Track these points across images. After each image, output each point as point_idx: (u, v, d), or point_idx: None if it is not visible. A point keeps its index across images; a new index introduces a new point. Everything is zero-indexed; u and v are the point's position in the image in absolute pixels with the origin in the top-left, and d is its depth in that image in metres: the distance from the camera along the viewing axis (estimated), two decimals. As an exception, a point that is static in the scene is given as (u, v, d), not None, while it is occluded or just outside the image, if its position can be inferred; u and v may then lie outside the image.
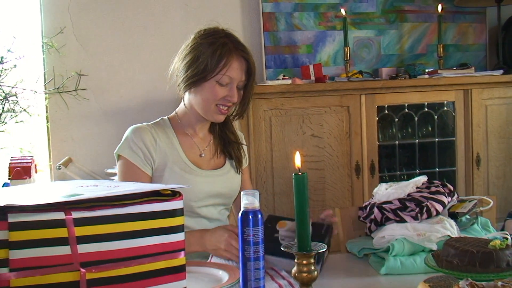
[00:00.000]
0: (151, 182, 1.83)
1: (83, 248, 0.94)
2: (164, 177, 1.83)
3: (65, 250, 0.93)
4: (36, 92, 2.86)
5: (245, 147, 2.04)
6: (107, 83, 3.05)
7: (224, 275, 1.47)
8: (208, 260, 1.67)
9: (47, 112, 2.97)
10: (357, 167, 2.92)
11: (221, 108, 1.84)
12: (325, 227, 1.60)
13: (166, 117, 1.96)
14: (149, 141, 1.83)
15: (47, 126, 2.98)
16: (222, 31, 1.85)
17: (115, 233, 0.97)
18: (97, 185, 1.08)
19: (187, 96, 1.89)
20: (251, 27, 3.21)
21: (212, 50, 1.78)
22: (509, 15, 3.45)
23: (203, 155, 1.93)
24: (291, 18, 3.22)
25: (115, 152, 1.86)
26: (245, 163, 2.05)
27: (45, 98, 2.94)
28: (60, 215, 0.93)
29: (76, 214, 0.94)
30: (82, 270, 0.94)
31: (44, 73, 2.93)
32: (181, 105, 1.94)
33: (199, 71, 1.78)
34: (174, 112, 1.97)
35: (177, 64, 1.87)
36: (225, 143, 1.99)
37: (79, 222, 0.94)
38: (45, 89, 2.92)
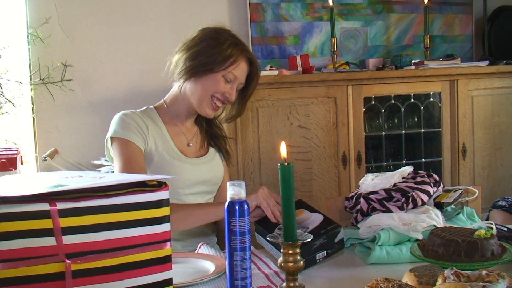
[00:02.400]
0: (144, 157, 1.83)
1: (68, 239, 0.94)
2: (154, 163, 1.83)
3: (50, 241, 0.92)
4: (21, 83, 2.84)
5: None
6: (93, 74, 3.03)
7: (210, 266, 1.47)
8: (196, 251, 1.67)
9: (32, 103, 2.95)
10: (344, 158, 2.93)
11: (214, 103, 1.86)
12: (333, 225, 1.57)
13: (152, 106, 1.96)
14: (141, 123, 1.83)
15: (33, 117, 2.95)
16: (230, 31, 1.88)
17: (100, 224, 0.96)
18: (82, 176, 1.07)
19: (184, 85, 1.88)
20: (238, 17, 3.20)
21: (223, 46, 1.81)
22: (495, 6, 3.47)
23: (190, 144, 1.94)
24: (278, 8, 3.21)
25: (106, 137, 1.84)
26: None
27: (31, 89, 2.91)
28: (44, 206, 0.92)
29: (61, 205, 0.93)
30: (67, 261, 0.93)
31: (30, 63, 2.91)
32: (172, 94, 1.94)
33: (208, 62, 1.80)
34: (161, 101, 1.97)
35: (179, 54, 1.87)
36: (213, 137, 2.01)
37: (64, 213, 0.93)
38: (31, 80, 2.89)
